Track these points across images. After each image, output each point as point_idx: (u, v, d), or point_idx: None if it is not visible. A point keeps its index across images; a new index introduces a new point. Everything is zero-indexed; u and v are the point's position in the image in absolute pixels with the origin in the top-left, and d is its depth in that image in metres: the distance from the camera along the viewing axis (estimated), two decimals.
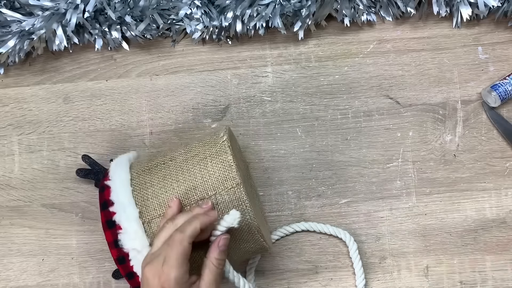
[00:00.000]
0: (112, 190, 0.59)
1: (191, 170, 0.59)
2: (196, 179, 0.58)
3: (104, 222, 0.59)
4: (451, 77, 0.74)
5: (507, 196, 0.72)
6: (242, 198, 0.58)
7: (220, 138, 0.61)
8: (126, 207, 0.58)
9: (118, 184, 0.59)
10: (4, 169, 0.74)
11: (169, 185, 0.59)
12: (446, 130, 0.73)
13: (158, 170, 0.60)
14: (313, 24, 0.72)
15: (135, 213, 0.58)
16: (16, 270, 0.73)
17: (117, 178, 0.60)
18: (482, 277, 0.71)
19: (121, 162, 0.63)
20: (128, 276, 0.59)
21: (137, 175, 0.61)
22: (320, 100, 0.74)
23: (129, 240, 0.57)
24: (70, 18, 0.68)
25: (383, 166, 0.73)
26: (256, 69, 0.75)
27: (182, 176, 0.59)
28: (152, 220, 0.58)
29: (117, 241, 0.58)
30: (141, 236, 0.57)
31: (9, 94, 0.75)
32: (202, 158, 0.59)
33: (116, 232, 0.58)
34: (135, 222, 0.57)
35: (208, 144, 0.61)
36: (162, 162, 0.61)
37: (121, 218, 0.58)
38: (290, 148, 0.74)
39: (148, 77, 0.75)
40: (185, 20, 0.72)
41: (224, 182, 0.58)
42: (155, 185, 0.59)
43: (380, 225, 0.72)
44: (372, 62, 0.74)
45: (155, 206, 0.58)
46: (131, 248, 0.57)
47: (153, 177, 0.60)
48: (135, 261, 0.57)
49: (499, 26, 0.74)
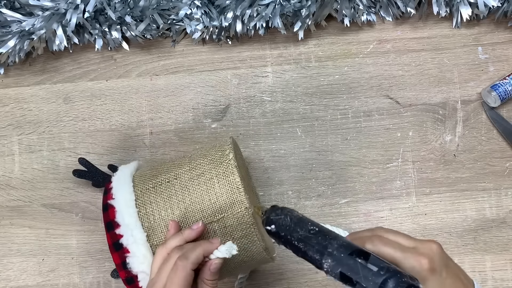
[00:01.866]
0: (117, 211, 0.58)
1: (198, 191, 0.58)
2: (204, 202, 0.57)
3: (111, 244, 0.58)
4: (451, 77, 0.74)
5: (507, 196, 0.72)
6: (250, 222, 0.57)
7: (226, 156, 0.59)
8: (133, 231, 0.57)
9: (122, 205, 0.58)
10: (4, 169, 0.74)
11: (176, 207, 0.57)
12: (446, 130, 0.73)
13: (163, 189, 0.59)
14: (313, 24, 0.72)
15: (142, 237, 0.57)
16: (16, 270, 0.73)
17: (121, 197, 0.59)
18: (482, 277, 0.71)
19: (123, 178, 0.61)
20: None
21: (141, 194, 0.59)
22: (320, 100, 0.74)
23: (138, 264, 0.57)
24: (70, 18, 0.68)
25: (383, 166, 0.73)
26: (256, 69, 0.75)
27: (188, 197, 0.57)
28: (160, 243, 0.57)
29: (125, 263, 0.57)
30: (149, 260, 0.57)
31: (9, 94, 0.75)
32: (208, 178, 0.58)
33: (124, 255, 0.57)
34: (143, 246, 0.57)
35: (214, 162, 0.59)
36: (167, 180, 0.59)
37: (128, 241, 0.57)
38: (290, 148, 0.74)
39: (148, 77, 0.75)
40: (185, 20, 0.72)
41: (232, 206, 0.56)
42: (161, 207, 0.58)
43: (380, 225, 0.72)
44: (372, 62, 0.74)
45: (163, 229, 0.57)
46: (140, 271, 0.57)
47: (158, 197, 0.58)
48: (144, 282, 0.57)
49: (499, 26, 0.74)
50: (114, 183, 0.61)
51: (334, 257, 0.44)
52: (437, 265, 0.46)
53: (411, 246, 0.47)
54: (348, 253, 0.43)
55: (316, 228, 0.47)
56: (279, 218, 0.48)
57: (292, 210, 0.50)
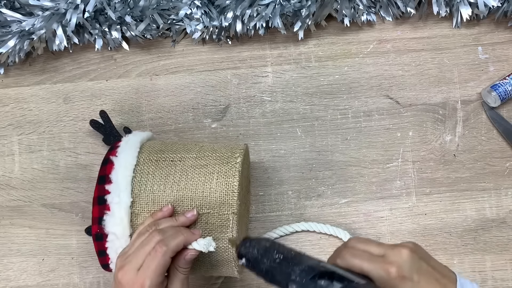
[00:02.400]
0: (114, 169, 0.59)
1: (195, 179, 0.58)
2: (197, 192, 0.58)
3: (96, 197, 0.59)
4: (451, 77, 0.74)
5: (507, 196, 0.72)
6: (231, 227, 0.57)
7: (234, 158, 0.60)
8: (121, 192, 0.58)
9: (122, 165, 0.59)
10: (4, 169, 0.74)
11: (169, 187, 0.58)
12: (446, 130, 0.73)
13: (164, 166, 0.60)
14: (313, 24, 0.72)
15: (127, 201, 0.58)
16: (16, 270, 0.73)
17: (123, 158, 0.60)
18: (482, 277, 0.71)
19: (133, 142, 0.62)
20: (99, 253, 0.60)
21: (142, 162, 0.60)
22: (320, 100, 0.74)
23: (112, 224, 0.58)
24: (70, 18, 0.68)
25: (383, 166, 0.73)
26: (256, 69, 0.75)
27: (184, 182, 0.58)
28: (140, 213, 0.58)
29: (102, 219, 0.58)
30: (125, 225, 0.58)
31: (9, 94, 0.75)
32: (210, 171, 0.59)
33: (104, 211, 0.58)
34: (124, 210, 0.58)
35: (221, 159, 0.60)
36: (171, 159, 0.60)
37: (113, 200, 0.58)
38: (290, 148, 0.74)
39: (148, 77, 0.75)
40: (185, 20, 0.72)
41: (221, 206, 0.57)
42: (156, 181, 0.59)
43: (380, 225, 0.72)
44: (372, 62, 0.74)
45: (148, 202, 0.58)
46: (111, 232, 0.58)
47: (156, 171, 0.59)
48: (111, 244, 0.58)
49: (499, 26, 0.74)
50: (123, 143, 0.62)
51: (297, 283, 0.45)
52: (407, 271, 0.46)
53: (380, 254, 0.47)
54: (310, 277, 0.45)
55: (281, 255, 0.48)
56: (247, 251, 0.50)
57: (261, 240, 0.51)
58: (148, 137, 0.66)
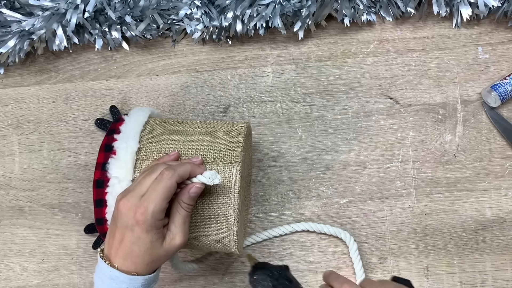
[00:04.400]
0: (125, 123, 0.62)
1: (201, 135, 0.61)
2: (202, 144, 0.60)
3: (103, 145, 0.61)
4: (451, 77, 0.74)
5: (507, 196, 0.72)
6: (236, 177, 0.58)
7: (240, 123, 0.63)
8: (129, 139, 0.59)
9: (132, 120, 0.62)
10: (4, 169, 0.74)
11: (176, 139, 0.60)
12: (446, 130, 0.73)
13: (172, 125, 0.63)
14: (313, 24, 0.72)
15: (134, 147, 0.59)
16: (16, 270, 0.73)
17: (134, 115, 0.63)
18: (482, 277, 0.71)
19: (143, 109, 0.65)
20: (97, 203, 0.60)
21: (152, 122, 0.63)
22: (320, 100, 0.74)
23: (116, 168, 0.58)
24: (70, 18, 0.68)
25: (383, 166, 0.73)
26: (256, 69, 0.75)
27: (190, 136, 0.61)
28: (145, 160, 0.59)
29: (105, 164, 0.59)
30: (129, 168, 0.58)
31: (9, 94, 0.75)
32: (216, 130, 0.61)
33: (109, 155, 0.59)
34: (130, 154, 0.58)
35: (227, 123, 0.63)
36: (179, 122, 0.64)
37: (120, 145, 0.59)
38: (290, 148, 0.74)
39: (148, 77, 0.75)
40: (185, 20, 0.72)
41: (225, 156, 0.59)
42: (164, 134, 0.61)
43: (380, 225, 0.72)
44: (372, 62, 0.74)
45: (155, 150, 0.60)
46: (114, 175, 0.58)
47: (165, 128, 0.62)
48: (112, 189, 0.58)
49: (499, 26, 0.74)
50: (134, 109, 0.65)
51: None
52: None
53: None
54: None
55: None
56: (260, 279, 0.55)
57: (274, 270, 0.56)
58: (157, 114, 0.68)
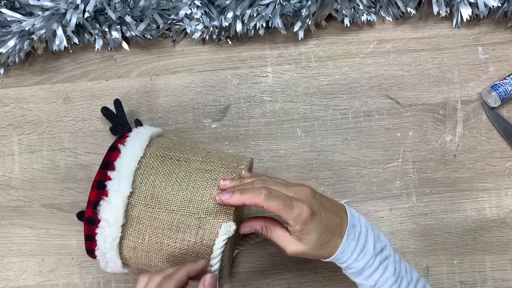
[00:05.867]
0: (120, 157, 0.59)
1: (197, 183, 0.58)
2: (197, 195, 0.58)
3: (96, 180, 0.59)
4: (451, 77, 0.74)
5: (507, 196, 0.72)
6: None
7: (239, 170, 0.60)
8: (122, 181, 0.58)
9: (128, 154, 0.59)
10: (4, 169, 0.74)
11: (170, 184, 0.58)
12: (446, 130, 0.73)
13: (169, 163, 0.60)
14: (313, 24, 0.72)
15: (126, 191, 0.57)
16: (16, 270, 0.73)
17: (131, 148, 0.60)
18: (482, 277, 0.71)
19: (143, 134, 0.63)
20: (87, 238, 0.59)
21: (149, 156, 0.60)
22: (320, 100, 0.74)
23: (107, 211, 0.57)
24: (70, 18, 0.68)
25: (383, 166, 0.73)
26: (256, 69, 0.75)
27: (186, 183, 0.58)
28: (136, 205, 0.58)
29: (97, 204, 0.58)
30: (119, 214, 0.57)
31: (9, 94, 0.75)
32: (213, 178, 0.59)
33: (101, 196, 0.58)
34: (122, 199, 0.57)
35: (226, 167, 0.60)
36: (177, 159, 0.60)
37: (112, 187, 0.58)
38: (290, 148, 0.74)
39: (148, 77, 0.75)
40: (185, 20, 0.72)
41: (217, 215, 0.57)
42: (159, 176, 0.59)
43: (380, 225, 0.72)
44: (372, 62, 0.74)
45: (147, 195, 0.58)
46: (104, 218, 0.57)
47: (160, 167, 0.59)
48: (101, 230, 0.57)
49: (499, 26, 0.74)
50: (133, 133, 0.63)
51: None
52: (316, 208, 0.54)
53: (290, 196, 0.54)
54: None
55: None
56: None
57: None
58: (158, 133, 0.66)
